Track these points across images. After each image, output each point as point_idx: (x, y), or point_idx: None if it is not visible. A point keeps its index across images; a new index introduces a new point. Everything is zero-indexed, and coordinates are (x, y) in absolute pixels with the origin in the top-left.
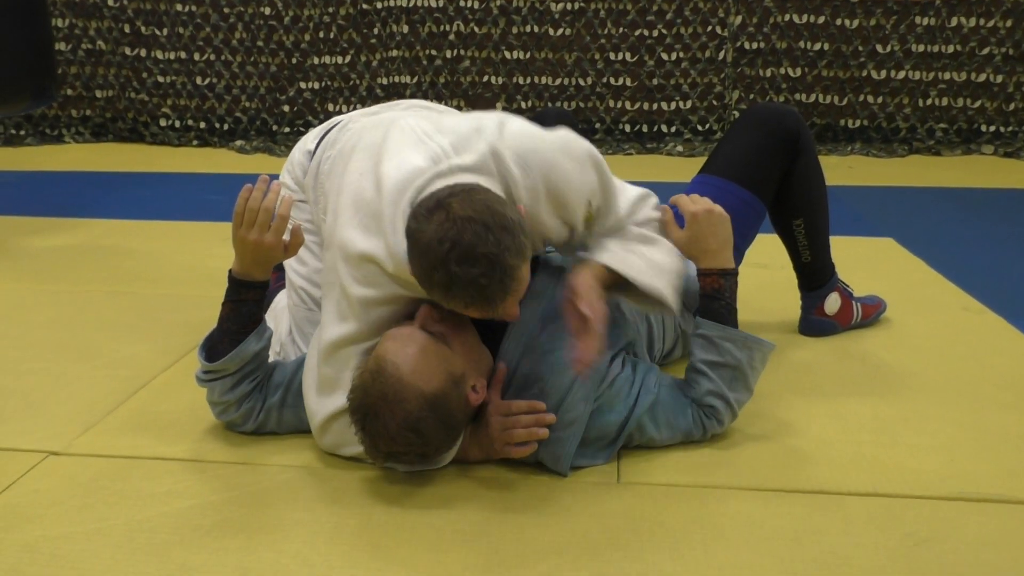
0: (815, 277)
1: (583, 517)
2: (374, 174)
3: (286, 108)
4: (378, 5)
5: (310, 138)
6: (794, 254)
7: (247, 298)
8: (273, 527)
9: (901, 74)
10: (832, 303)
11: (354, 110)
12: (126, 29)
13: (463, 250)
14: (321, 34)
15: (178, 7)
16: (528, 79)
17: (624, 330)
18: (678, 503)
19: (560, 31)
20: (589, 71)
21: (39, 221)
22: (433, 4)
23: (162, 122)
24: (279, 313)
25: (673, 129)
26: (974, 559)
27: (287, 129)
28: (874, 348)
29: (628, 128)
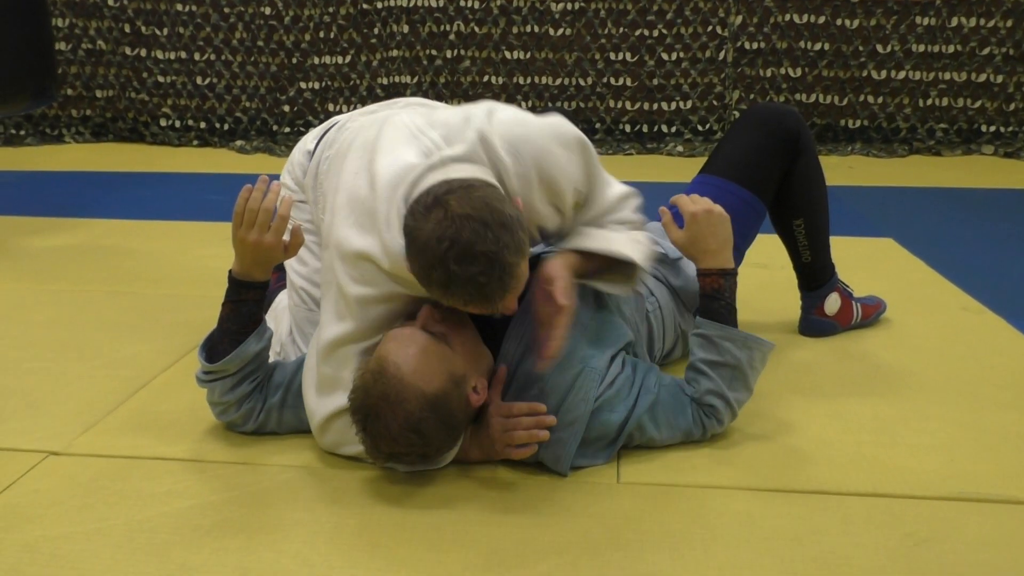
0: (815, 277)
1: (583, 517)
2: (368, 172)
3: (286, 108)
4: (378, 5)
5: (309, 138)
6: (794, 254)
7: (247, 298)
8: (273, 527)
9: (901, 74)
10: (832, 303)
11: (354, 110)
12: (126, 29)
13: (462, 249)
14: (321, 34)
15: (178, 7)
16: (528, 79)
17: (623, 330)
18: (678, 503)
19: (560, 31)
20: (589, 71)
21: (39, 221)
22: (433, 4)
23: (162, 122)
24: (279, 313)
25: (673, 129)
26: (974, 559)
27: (287, 129)
28: (874, 348)
29: (628, 128)
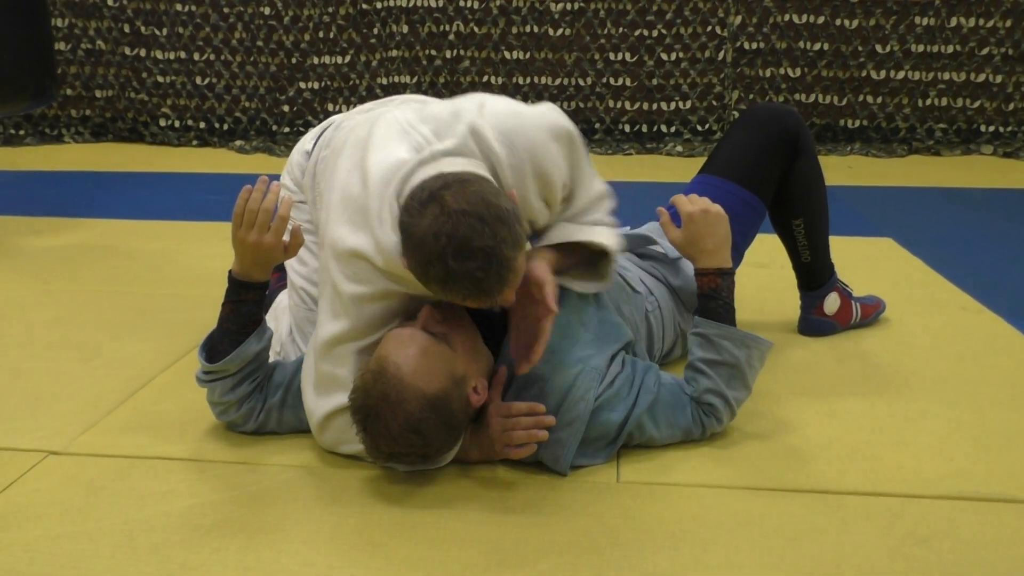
0: (814, 277)
1: (583, 516)
2: (360, 169)
3: (286, 108)
4: (378, 5)
5: (307, 139)
6: (793, 254)
7: (247, 298)
8: (273, 526)
9: (901, 74)
10: (831, 303)
11: (351, 110)
12: (126, 29)
13: (459, 244)
14: (321, 34)
15: (178, 7)
16: (528, 79)
17: (623, 330)
18: (677, 502)
19: (560, 31)
20: (589, 71)
21: (39, 221)
22: (433, 4)
23: (162, 122)
24: (280, 313)
25: (673, 129)
26: (973, 558)
27: (287, 129)
28: (873, 348)
29: (628, 128)
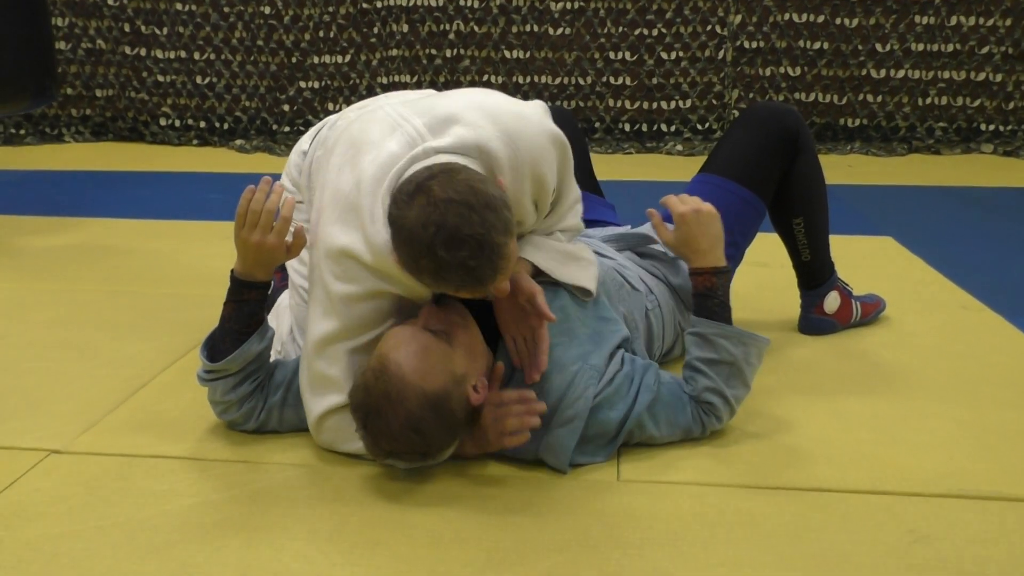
0: (815, 276)
1: (583, 515)
2: (351, 167)
3: (286, 107)
4: (378, 4)
5: (305, 139)
6: (794, 253)
7: (249, 298)
8: (274, 525)
9: (900, 73)
10: (831, 302)
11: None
12: (126, 28)
13: (448, 233)
14: (321, 33)
15: (178, 6)
16: (528, 78)
17: (619, 326)
18: (678, 500)
19: (560, 30)
20: (589, 70)
21: (39, 220)
22: (433, 3)
23: (162, 121)
24: (281, 312)
25: (673, 128)
26: (973, 556)
27: (287, 128)
28: (873, 346)
29: (628, 127)
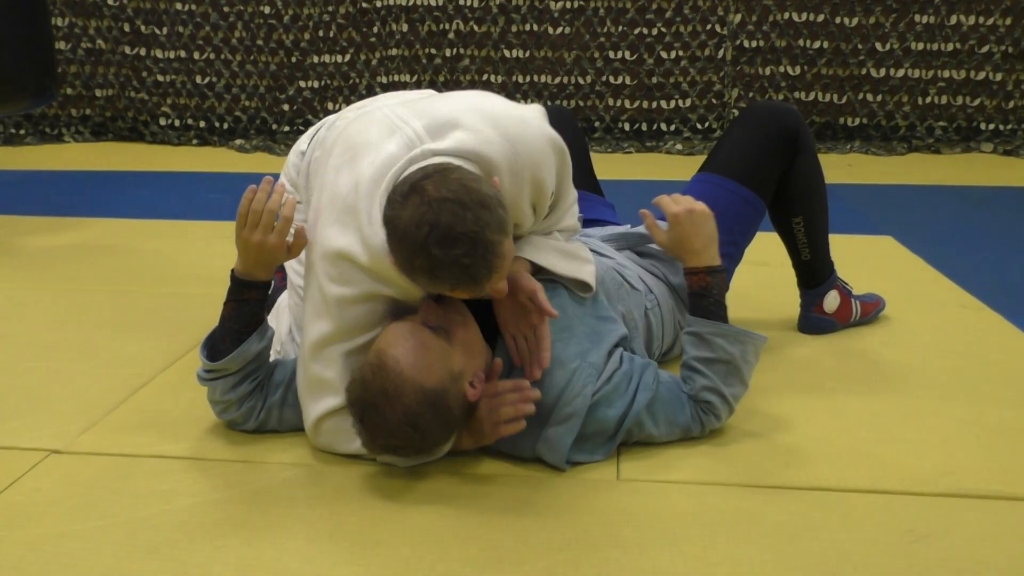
0: (814, 275)
1: (583, 514)
2: (350, 169)
3: (286, 107)
4: (377, 4)
5: (303, 140)
6: (793, 252)
7: (249, 297)
8: (274, 525)
9: (900, 72)
10: (831, 301)
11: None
12: (126, 28)
13: (442, 232)
14: (321, 33)
15: (178, 6)
16: (527, 78)
17: (617, 325)
18: (677, 499)
19: (559, 29)
20: (588, 69)
21: (39, 220)
22: (432, 3)
23: (162, 121)
24: (280, 312)
25: (672, 127)
26: (972, 555)
27: (287, 128)
28: (873, 345)
29: (627, 126)
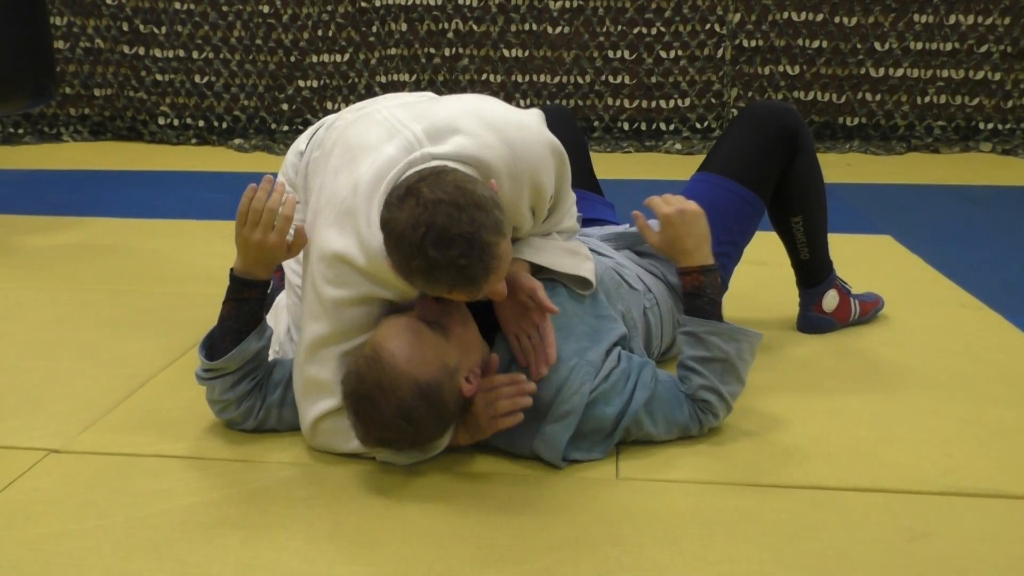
0: (813, 274)
1: (582, 513)
2: (349, 171)
3: (285, 106)
4: (376, 3)
5: (301, 140)
6: (792, 251)
7: (248, 296)
8: (273, 524)
9: (899, 72)
10: (830, 300)
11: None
12: (124, 27)
13: (438, 233)
14: (320, 32)
15: (176, 5)
16: (527, 77)
17: (616, 324)
18: (676, 498)
19: (559, 29)
20: (588, 69)
21: (38, 220)
22: (431, 2)
23: (161, 120)
24: (278, 312)
25: (672, 127)
26: (971, 554)
27: (286, 128)
28: (872, 345)
29: (627, 126)
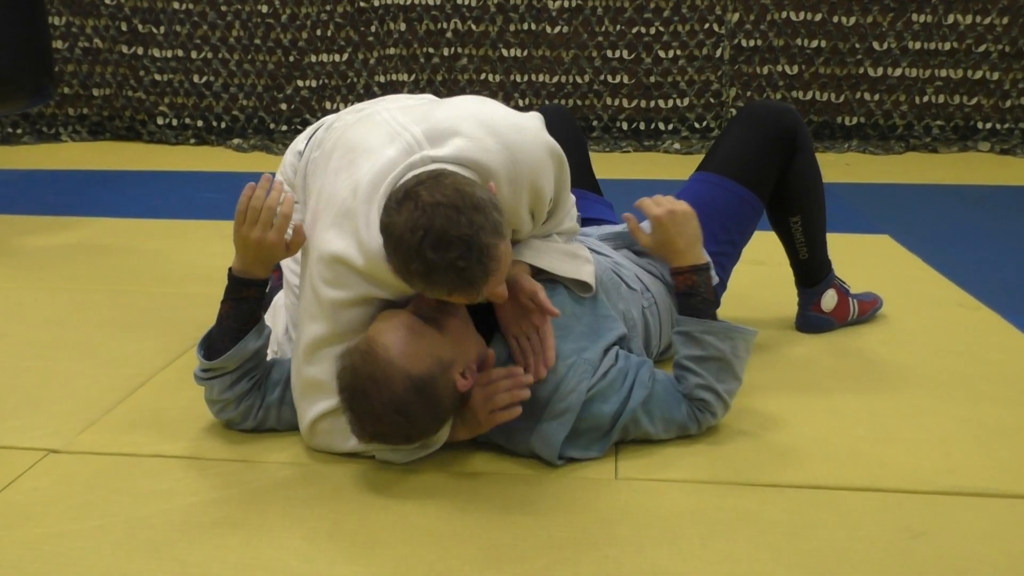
0: (812, 274)
1: (581, 513)
2: (349, 173)
3: (284, 106)
4: (375, 3)
5: (300, 140)
6: (791, 251)
7: (247, 296)
8: (273, 524)
9: (898, 71)
10: (829, 300)
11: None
12: (123, 27)
13: (436, 236)
14: (318, 32)
15: (175, 5)
16: (525, 77)
17: (616, 324)
18: (675, 498)
19: (557, 29)
20: (587, 69)
21: (36, 220)
22: (430, 2)
23: (159, 120)
24: (277, 311)
25: (670, 127)
26: (970, 553)
27: (284, 127)
28: (870, 344)
29: (625, 126)
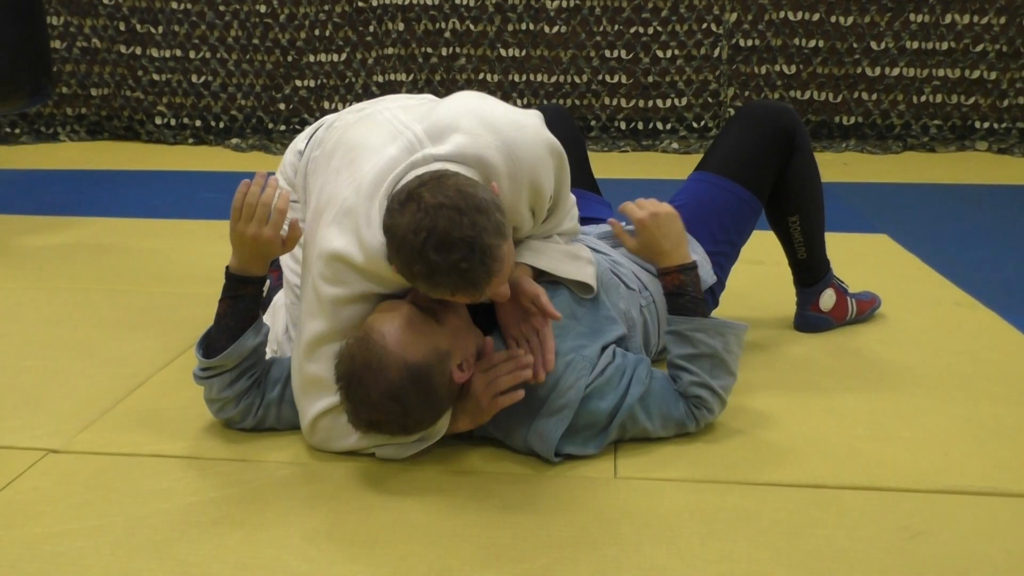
0: (810, 273)
1: (581, 511)
2: (351, 172)
3: (282, 106)
4: (373, 3)
5: (300, 139)
6: (789, 251)
7: (244, 293)
8: (272, 523)
9: (895, 71)
10: (827, 299)
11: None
12: (121, 27)
13: (439, 237)
14: (317, 32)
15: (173, 5)
16: (524, 76)
17: (616, 324)
18: (674, 497)
19: (556, 28)
20: (585, 68)
21: (35, 220)
22: (428, 2)
23: (158, 120)
24: (276, 311)
25: (668, 126)
26: (968, 552)
27: (283, 127)
28: (869, 343)
29: (624, 126)
